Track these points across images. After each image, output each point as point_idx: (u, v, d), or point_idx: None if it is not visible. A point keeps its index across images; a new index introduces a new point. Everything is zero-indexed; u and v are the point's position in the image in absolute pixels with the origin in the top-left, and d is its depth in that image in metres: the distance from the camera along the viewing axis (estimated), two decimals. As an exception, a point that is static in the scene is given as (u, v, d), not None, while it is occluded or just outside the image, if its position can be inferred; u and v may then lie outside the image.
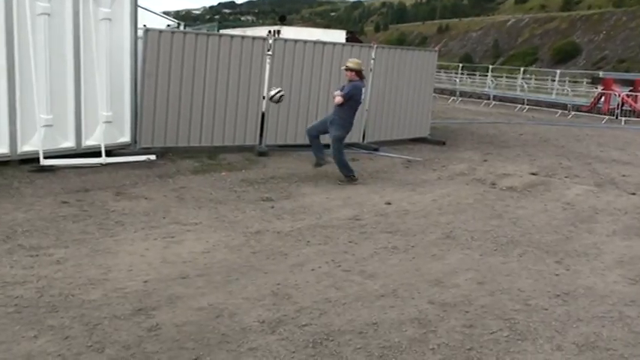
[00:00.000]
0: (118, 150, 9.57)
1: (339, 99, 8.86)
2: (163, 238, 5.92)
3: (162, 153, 9.94)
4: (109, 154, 9.17)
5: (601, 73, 37.98)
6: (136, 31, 9.54)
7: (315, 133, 9.36)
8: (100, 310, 4.21)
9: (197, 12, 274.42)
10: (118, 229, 6.10)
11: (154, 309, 4.29)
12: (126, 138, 9.76)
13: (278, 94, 9.66)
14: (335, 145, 9.03)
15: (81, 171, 8.52)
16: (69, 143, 9.03)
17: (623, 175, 10.94)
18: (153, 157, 9.52)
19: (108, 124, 9.35)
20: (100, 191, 7.58)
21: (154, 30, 10.09)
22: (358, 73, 9.03)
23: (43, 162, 8.40)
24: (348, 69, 9.06)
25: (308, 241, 6.12)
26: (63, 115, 8.89)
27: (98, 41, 9.02)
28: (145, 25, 10.01)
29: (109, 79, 9.31)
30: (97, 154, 9.02)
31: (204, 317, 4.22)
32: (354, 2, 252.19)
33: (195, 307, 4.36)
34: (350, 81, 9.04)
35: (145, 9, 15.38)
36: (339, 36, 15.50)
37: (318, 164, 9.37)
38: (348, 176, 9.04)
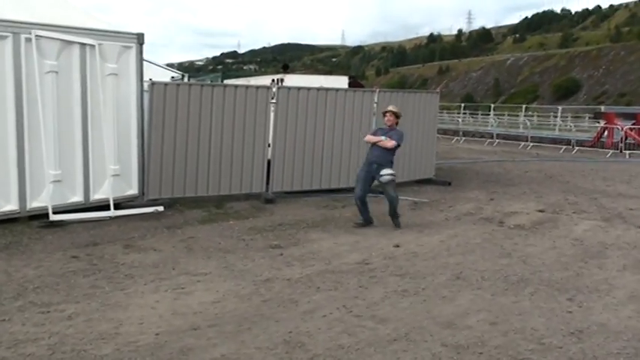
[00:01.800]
0: (126, 202, 9.66)
1: (392, 143, 8.99)
2: (173, 289, 5.92)
3: (170, 204, 10.01)
4: (117, 207, 9.24)
5: (603, 108, 38.26)
6: (141, 85, 9.71)
7: (365, 197, 9.25)
8: (113, 364, 4.21)
9: (200, 63, 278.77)
10: (127, 282, 6.11)
11: (167, 362, 4.27)
12: (134, 190, 9.84)
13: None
14: (392, 185, 9.14)
15: (90, 225, 8.58)
16: (77, 198, 9.12)
17: (631, 209, 10.91)
18: (161, 208, 9.59)
19: (116, 177, 9.44)
20: (109, 244, 7.62)
21: (159, 83, 10.28)
22: (398, 118, 9.36)
23: (52, 217, 8.47)
24: (392, 114, 9.29)
25: (318, 288, 6.10)
26: (71, 170, 9.00)
27: (105, 96, 9.19)
28: (150, 79, 10.19)
29: (117, 133, 9.44)
30: (106, 208, 9.10)
31: (216, 368, 4.20)
32: (354, 47, 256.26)
33: (207, 359, 4.35)
34: (390, 126, 9.28)
35: (150, 62, 15.66)
36: (341, 82, 15.68)
37: (364, 224, 9.18)
38: (397, 216, 9.22)
